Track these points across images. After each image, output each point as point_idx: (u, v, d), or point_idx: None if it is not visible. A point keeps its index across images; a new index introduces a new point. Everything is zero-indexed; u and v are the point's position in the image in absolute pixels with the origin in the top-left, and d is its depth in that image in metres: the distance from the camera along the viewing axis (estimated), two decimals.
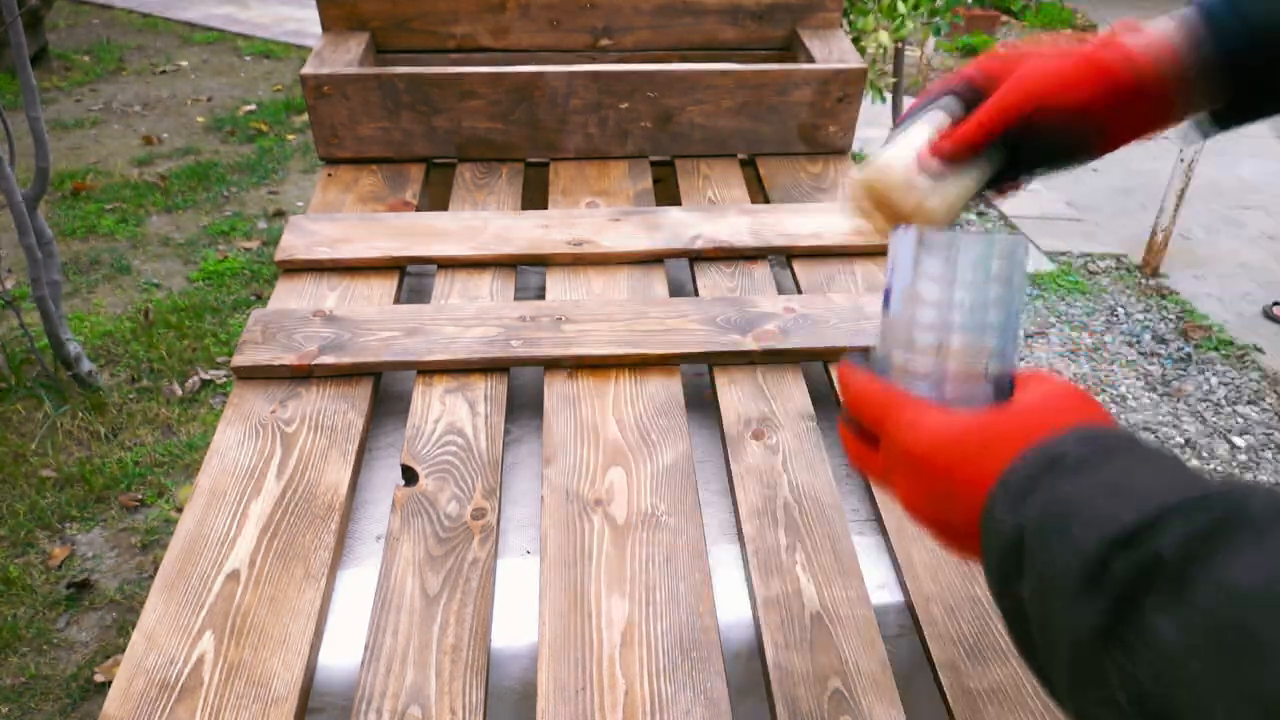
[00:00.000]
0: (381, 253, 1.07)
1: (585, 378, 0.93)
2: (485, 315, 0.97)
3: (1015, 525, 0.37)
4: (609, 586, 0.72)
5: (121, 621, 1.75)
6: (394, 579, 0.73)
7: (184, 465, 2.11)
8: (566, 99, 1.27)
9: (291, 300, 1.02)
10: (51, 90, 4.25)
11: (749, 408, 0.90)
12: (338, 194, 1.23)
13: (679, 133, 1.32)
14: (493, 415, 0.88)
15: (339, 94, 1.24)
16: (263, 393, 0.90)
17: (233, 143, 3.82)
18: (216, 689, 0.65)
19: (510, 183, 1.26)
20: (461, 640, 0.68)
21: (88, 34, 5.15)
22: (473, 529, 0.77)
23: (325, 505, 0.79)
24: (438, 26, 1.41)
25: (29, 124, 2.12)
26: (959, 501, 0.41)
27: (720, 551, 0.79)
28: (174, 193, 3.35)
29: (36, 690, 1.62)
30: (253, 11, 5.68)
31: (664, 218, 1.14)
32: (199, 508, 0.78)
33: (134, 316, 2.62)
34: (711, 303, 1.00)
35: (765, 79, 1.28)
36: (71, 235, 3.03)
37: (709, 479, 0.87)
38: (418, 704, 0.64)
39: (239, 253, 2.99)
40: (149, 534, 1.93)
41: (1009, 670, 0.68)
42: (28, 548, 1.89)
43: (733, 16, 1.44)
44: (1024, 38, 5.95)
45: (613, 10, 1.42)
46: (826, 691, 0.66)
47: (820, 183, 1.29)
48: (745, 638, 0.72)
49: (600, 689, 0.65)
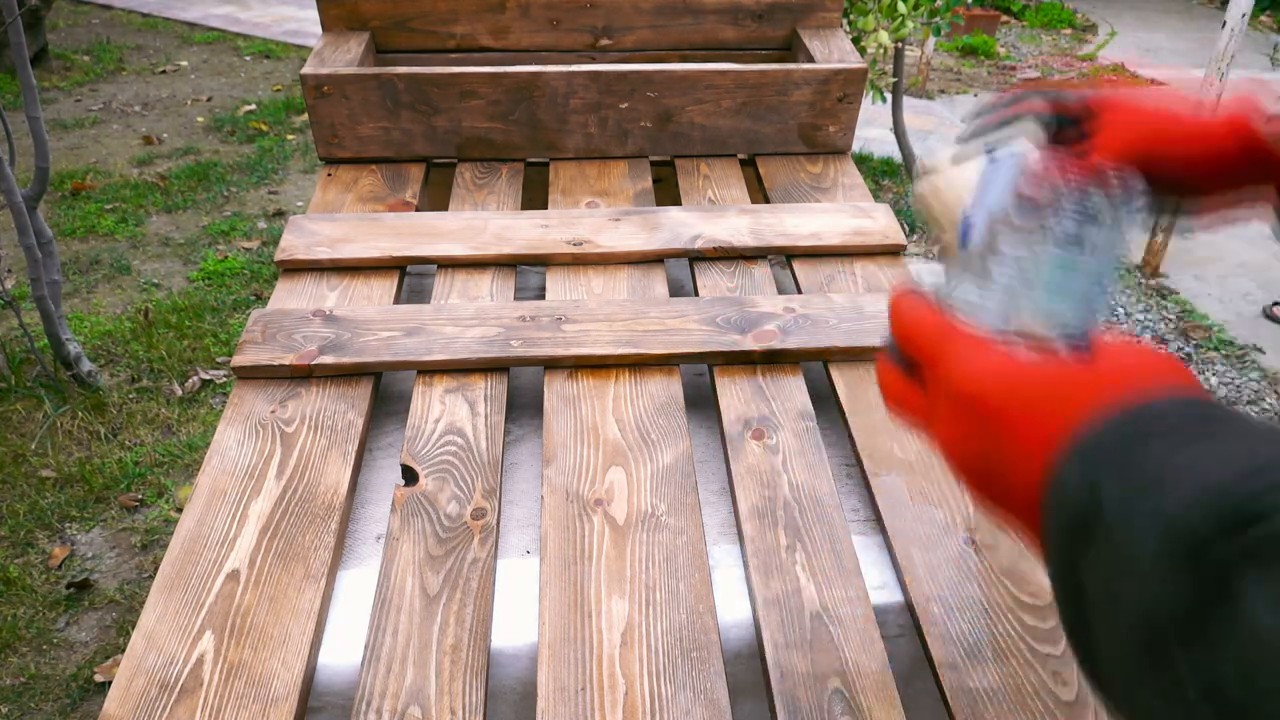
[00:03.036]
0: (381, 253, 1.07)
1: (585, 378, 0.93)
2: (485, 315, 0.97)
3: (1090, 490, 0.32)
4: (609, 586, 0.72)
5: (121, 621, 1.75)
6: (394, 579, 0.73)
7: (184, 465, 2.11)
8: (566, 99, 1.27)
9: (291, 300, 1.02)
10: (51, 90, 4.25)
11: (749, 408, 0.90)
12: (338, 194, 1.23)
13: (679, 132, 1.32)
14: (493, 415, 0.88)
15: (339, 94, 1.24)
16: (263, 393, 0.90)
17: (233, 143, 3.82)
18: (216, 689, 0.65)
19: (510, 183, 1.26)
20: (461, 640, 0.68)
21: (88, 34, 5.15)
22: (473, 529, 0.77)
23: (325, 505, 0.79)
24: (438, 26, 1.41)
25: (29, 124, 2.12)
26: (1016, 454, 0.36)
27: (720, 551, 0.79)
28: (174, 193, 3.35)
29: (36, 690, 1.62)
30: (253, 11, 5.68)
31: (664, 218, 1.14)
32: (199, 508, 0.78)
33: (134, 316, 2.62)
34: (711, 303, 1.00)
35: (765, 79, 1.28)
36: (71, 235, 3.03)
37: (709, 479, 0.87)
38: (418, 704, 0.64)
39: (239, 253, 2.99)
40: (149, 534, 1.93)
41: (1009, 670, 0.68)
42: (28, 548, 1.89)
43: (733, 16, 1.44)
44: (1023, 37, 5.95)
45: (613, 10, 1.42)
46: (826, 691, 0.66)
47: (820, 183, 1.29)
48: (745, 638, 0.72)
49: (600, 689, 0.65)
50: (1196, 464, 0.30)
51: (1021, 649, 0.69)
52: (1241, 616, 0.26)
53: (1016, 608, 0.72)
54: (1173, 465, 0.30)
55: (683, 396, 0.91)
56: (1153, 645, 0.29)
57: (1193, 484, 0.29)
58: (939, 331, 0.41)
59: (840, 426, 0.92)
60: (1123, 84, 0.57)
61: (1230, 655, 0.26)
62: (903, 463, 0.84)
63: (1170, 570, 0.28)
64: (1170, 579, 0.28)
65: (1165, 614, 0.28)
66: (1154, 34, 6.19)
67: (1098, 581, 0.31)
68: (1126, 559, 0.30)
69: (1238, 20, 2.60)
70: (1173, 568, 0.28)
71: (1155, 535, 0.29)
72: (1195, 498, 0.29)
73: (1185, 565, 0.28)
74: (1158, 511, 0.29)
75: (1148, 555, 0.29)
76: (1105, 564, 0.31)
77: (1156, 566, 0.29)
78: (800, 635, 0.70)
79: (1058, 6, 6.47)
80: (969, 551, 0.77)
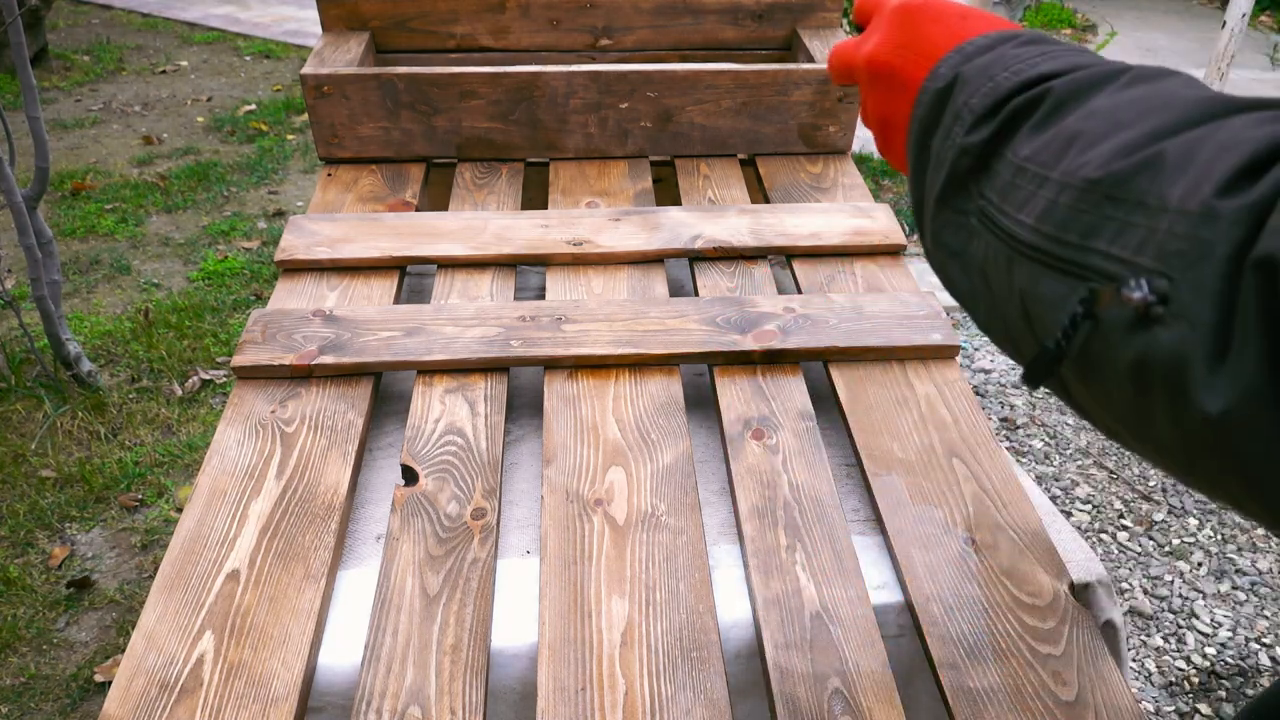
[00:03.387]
0: (381, 253, 1.07)
1: (585, 378, 0.93)
2: (485, 315, 0.97)
3: (953, 76, 0.42)
4: (609, 586, 0.72)
5: (121, 621, 1.75)
6: (394, 579, 0.73)
7: (184, 465, 2.11)
8: (566, 99, 1.27)
9: (291, 300, 1.02)
10: (51, 90, 4.25)
11: (749, 408, 0.90)
12: (338, 194, 1.23)
13: (679, 132, 1.32)
14: (493, 415, 0.88)
15: (339, 94, 1.24)
16: (263, 393, 0.90)
17: (233, 143, 3.82)
18: (216, 689, 0.65)
19: (510, 183, 1.26)
20: (461, 640, 0.68)
21: (88, 34, 5.15)
22: (473, 529, 0.77)
23: (325, 505, 0.79)
24: (438, 26, 1.41)
25: (29, 124, 2.12)
26: (919, 54, 0.46)
27: (720, 551, 0.79)
28: (174, 193, 3.35)
29: (36, 690, 1.62)
30: (253, 11, 5.68)
31: (664, 218, 1.14)
32: (199, 508, 0.78)
33: (134, 316, 2.62)
34: (711, 303, 1.00)
35: (765, 79, 1.28)
36: (71, 235, 3.03)
37: (709, 479, 0.87)
38: (418, 704, 0.64)
39: (239, 253, 2.99)
40: (149, 534, 1.93)
41: (1009, 670, 0.68)
42: (28, 548, 1.89)
43: (733, 16, 1.44)
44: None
45: (613, 10, 1.42)
46: (826, 691, 0.66)
47: (820, 183, 1.29)
48: (745, 638, 0.72)
49: (600, 689, 0.65)
50: (1025, 56, 0.40)
51: (1021, 649, 0.69)
52: (1014, 149, 0.38)
53: (1016, 608, 0.72)
54: (1008, 57, 0.41)
55: (683, 396, 0.91)
56: (960, 182, 0.40)
57: (1017, 65, 0.40)
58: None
59: (840, 426, 0.92)
60: None
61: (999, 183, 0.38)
62: (903, 463, 0.84)
63: (982, 120, 0.39)
64: (980, 126, 0.39)
65: (971, 152, 0.40)
66: (1154, 34, 6.19)
67: (939, 143, 0.42)
68: (958, 117, 0.41)
69: (1238, 20, 2.60)
70: (983, 118, 0.39)
71: (977, 98, 0.40)
72: (1012, 73, 0.39)
73: (990, 116, 0.39)
74: (985, 81, 0.40)
75: (968, 110, 0.40)
76: (944, 127, 0.42)
77: (974, 116, 0.40)
78: (800, 635, 0.70)
79: (1058, 6, 6.47)
80: (969, 551, 0.77)
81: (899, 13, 0.48)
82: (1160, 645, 1.74)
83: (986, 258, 0.39)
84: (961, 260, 0.41)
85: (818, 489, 0.82)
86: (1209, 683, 1.67)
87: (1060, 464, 2.16)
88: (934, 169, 0.42)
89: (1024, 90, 0.38)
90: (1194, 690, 1.66)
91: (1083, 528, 2.00)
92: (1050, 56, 0.40)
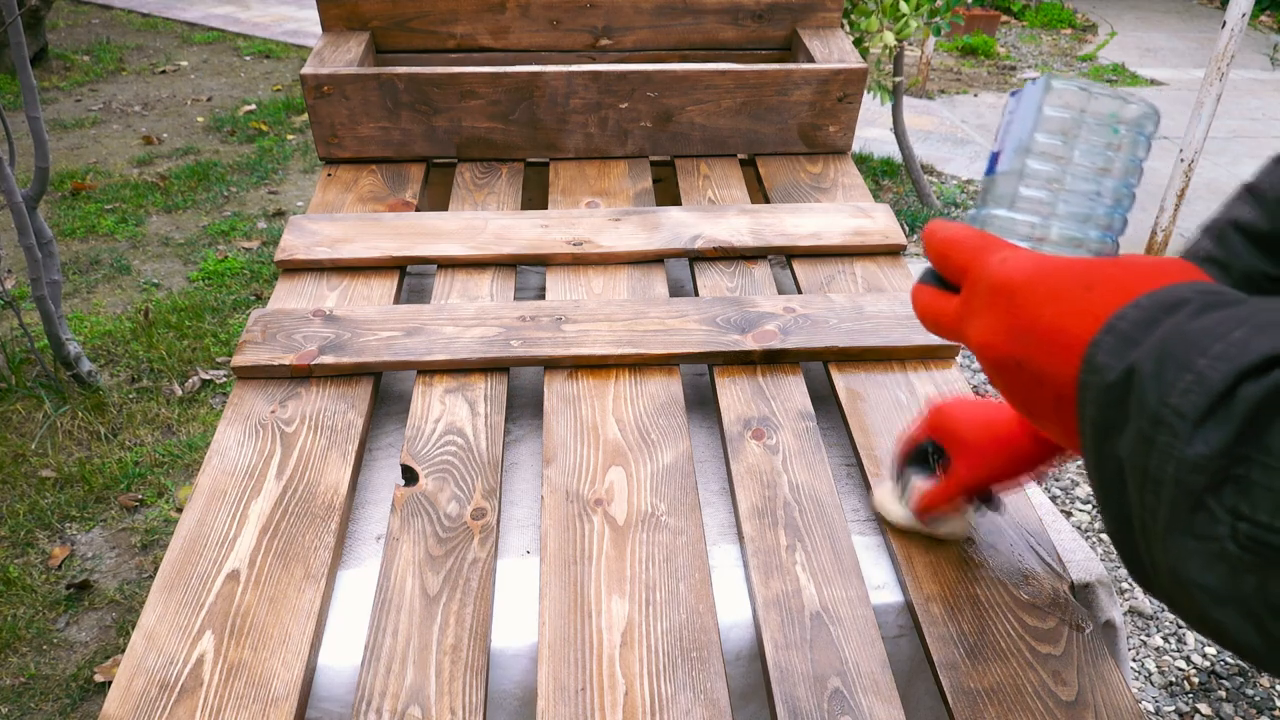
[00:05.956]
0: (381, 253, 1.07)
1: (585, 378, 0.92)
2: (485, 315, 0.97)
3: (1124, 368, 0.33)
4: (609, 586, 0.72)
5: (121, 621, 1.74)
6: (394, 579, 0.73)
7: (184, 465, 2.11)
8: (566, 99, 1.27)
9: (291, 300, 1.02)
10: (51, 90, 4.25)
11: (749, 408, 0.90)
12: (338, 194, 1.23)
13: (679, 132, 1.32)
14: (493, 415, 0.88)
15: (339, 94, 1.24)
16: (262, 393, 0.90)
17: (233, 143, 3.82)
18: (216, 689, 0.65)
19: (510, 183, 1.26)
20: (461, 640, 0.68)
21: (88, 34, 5.15)
22: (473, 529, 0.77)
23: (325, 505, 0.79)
24: (438, 26, 1.41)
25: (29, 124, 2.12)
26: (1049, 343, 0.38)
27: (720, 551, 0.79)
28: (174, 193, 3.35)
29: (36, 690, 1.62)
30: (253, 11, 5.68)
31: (664, 218, 1.14)
32: (199, 508, 0.78)
33: (134, 316, 2.62)
34: (711, 303, 1.00)
35: (765, 79, 1.28)
36: (71, 235, 3.03)
37: (709, 479, 0.87)
38: (417, 704, 0.64)
39: (239, 253, 2.98)
40: (149, 534, 1.93)
41: (1009, 670, 0.68)
42: (28, 548, 1.89)
43: (733, 16, 1.44)
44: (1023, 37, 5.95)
45: (613, 10, 1.42)
46: (826, 691, 0.66)
47: (820, 183, 1.29)
48: (745, 638, 0.72)
49: (600, 689, 0.65)
50: (1224, 331, 0.32)
51: (1021, 649, 0.69)
52: (1270, 450, 0.28)
53: (1016, 607, 0.72)
54: (1199, 333, 0.32)
55: (683, 396, 0.91)
56: (1193, 505, 0.31)
57: (1221, 347, 0.31)
58: (975, 240, 0.45)
59: (840, 426, 0.92)
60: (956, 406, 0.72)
61: (1266, 496, 0.29)
62: None
63: (1203, 423, 0.30)
64: (1204, 431, 0.30)
65: (1202, 467, 0.30)
66: (1154, 34, 6.18)
67: (1136, 453, 0.33)
68: (1160, 422, 0.32)
69: (1238, 20, 2.60)
70: (1203, 419, 0.30)
71: (1184, 396, 0.31)
72: (1222, 358, 0.31)
73: (1215, 417, 0.30)
74: (1185, 373, 0.31)
75: (1178, 413, 0.31)
76: (1138, 433, 0.33)
77: (1191, 421, 0.31)
78: (800, 635, 0.70)
79: (1058, 6, 6.47)
80: (969, 551, 0.77)
81: (1001, 294, 0.41)
82: (1160, 645, 1.74)
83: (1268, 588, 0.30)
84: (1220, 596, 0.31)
85: (818, 489, 0.82)
86: (1209, 683, 1.67)
87: None
88: (1143, 488, 0.33)
89: (1246, 380, 0.30)
90: (1194, 690, 1.66)
91: (1083, 528, 2.00)
92: (1254, 327, 0.31)
